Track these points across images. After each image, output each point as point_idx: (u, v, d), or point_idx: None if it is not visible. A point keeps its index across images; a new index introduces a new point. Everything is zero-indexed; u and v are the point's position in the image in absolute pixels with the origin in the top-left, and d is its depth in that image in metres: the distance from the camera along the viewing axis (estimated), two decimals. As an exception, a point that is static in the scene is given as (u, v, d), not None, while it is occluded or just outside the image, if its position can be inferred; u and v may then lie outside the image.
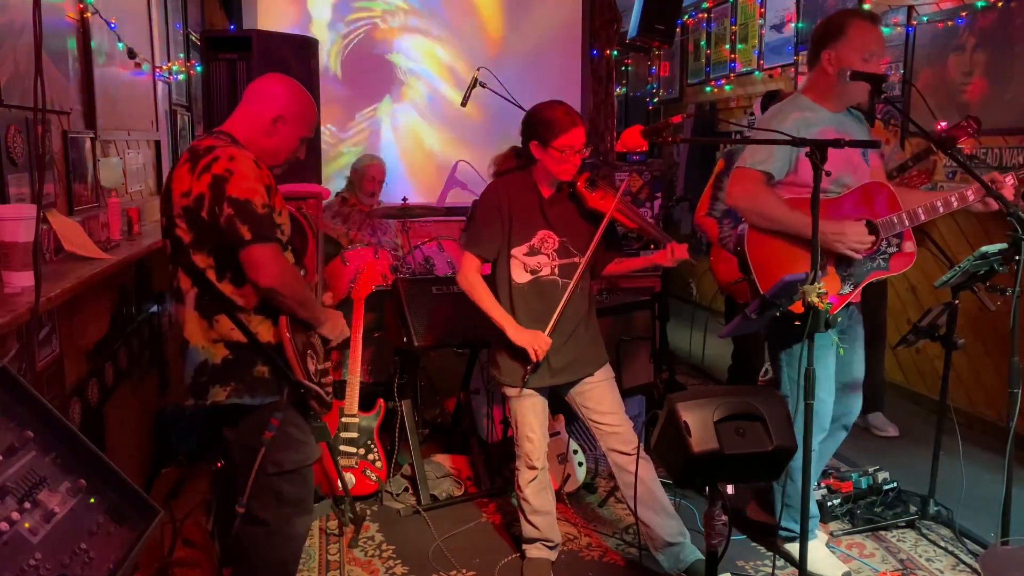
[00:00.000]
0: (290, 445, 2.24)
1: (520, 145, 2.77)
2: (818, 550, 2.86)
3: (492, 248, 2.73)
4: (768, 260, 2.66)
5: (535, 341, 2.65)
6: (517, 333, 2.67)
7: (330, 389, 2.33)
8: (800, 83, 4.76)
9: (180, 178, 2.10)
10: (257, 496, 2.19)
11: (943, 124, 3.75)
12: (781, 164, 2.64)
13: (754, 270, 2.67)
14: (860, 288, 2.74)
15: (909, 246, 2.73)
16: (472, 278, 2.72)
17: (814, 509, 2.98)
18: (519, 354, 2.75)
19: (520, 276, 2.74)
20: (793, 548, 2.88)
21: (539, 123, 2.66)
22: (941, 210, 2.64)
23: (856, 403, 2.97)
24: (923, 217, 2.64)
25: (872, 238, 2.63)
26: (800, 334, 2.24)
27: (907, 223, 2.64)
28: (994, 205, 2.58)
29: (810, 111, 2.68)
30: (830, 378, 2.79)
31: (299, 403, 2.24)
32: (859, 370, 2.95)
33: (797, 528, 2.84)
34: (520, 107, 3.52)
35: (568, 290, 2.69)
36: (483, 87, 3.91)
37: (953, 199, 2.63)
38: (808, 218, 2.46)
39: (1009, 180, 2.58)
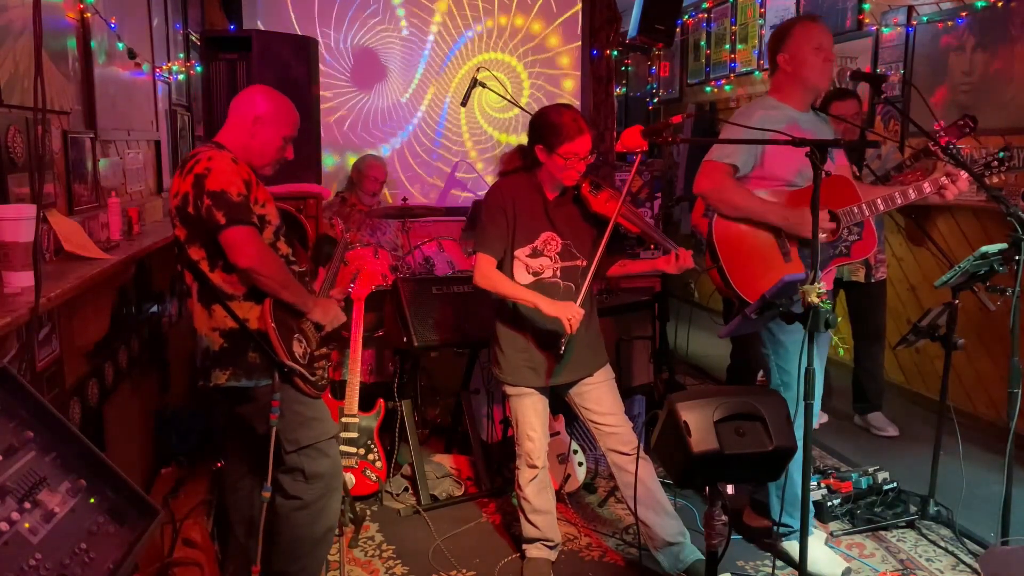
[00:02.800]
0: (301, 423, 2.41)
1: (526, 145, 2.77)
2: (818, 548, 2.86)
3: (501, 247, 2.72)
4: (735, 248, 2.80)
5: (569, 312, 2.60)
6: (550, 306, 2.63)
7: (320, 372, 2.45)
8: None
9: (173, 183, 2.34)
10: (288, 474, 2.42)
11: (940, 123, 3.78)
12: (746, 158, 2.79)
13: (722, 258, 2.80)
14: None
15: (869, 234, 2.86)
16: (491, 274, 2.71)
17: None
18: (520, 352, 2.75)
19: (522, 278, 2.74)
20: (792, 546, 2.88)
21: (546, 127, 2.65)
22: (900, 201, 2.77)
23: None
24: (882, 207, 2.77)
25: (833, 225, 2.77)
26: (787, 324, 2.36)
27: (867, 213, 2.78)
28: (949, 196, 2.74)
29: (774, 109, 2.83)
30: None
31: (290, 383, 2.37)
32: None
33: (795, 523, 2.85)
34: (520, 107, 3.53)
35: (580, 295, 2.67)
36: (483, 87, 3.91)
37: (911, 191, 2.76)
38: (767, 204, 2.75)
39: (963, 174, 2.74)
